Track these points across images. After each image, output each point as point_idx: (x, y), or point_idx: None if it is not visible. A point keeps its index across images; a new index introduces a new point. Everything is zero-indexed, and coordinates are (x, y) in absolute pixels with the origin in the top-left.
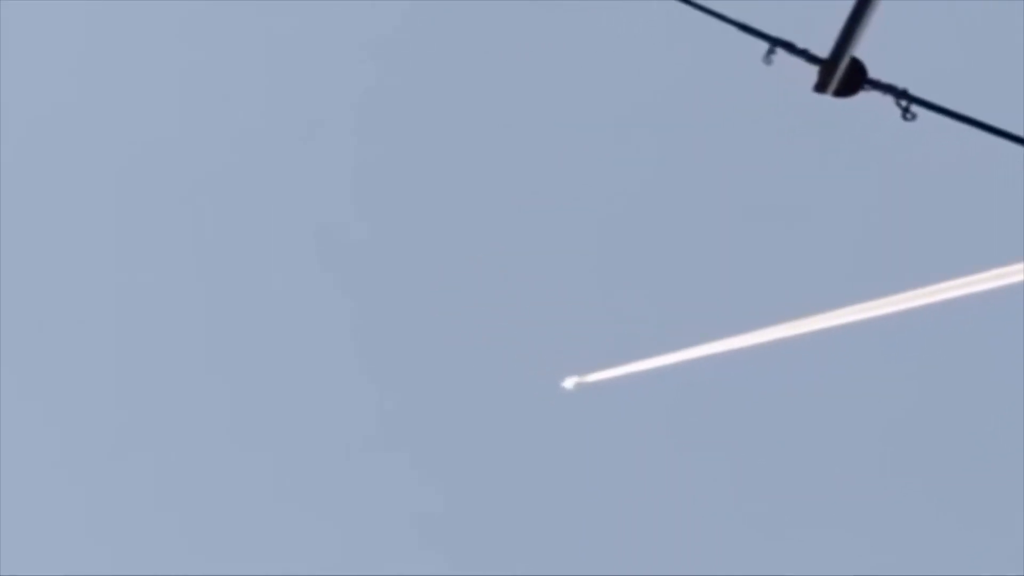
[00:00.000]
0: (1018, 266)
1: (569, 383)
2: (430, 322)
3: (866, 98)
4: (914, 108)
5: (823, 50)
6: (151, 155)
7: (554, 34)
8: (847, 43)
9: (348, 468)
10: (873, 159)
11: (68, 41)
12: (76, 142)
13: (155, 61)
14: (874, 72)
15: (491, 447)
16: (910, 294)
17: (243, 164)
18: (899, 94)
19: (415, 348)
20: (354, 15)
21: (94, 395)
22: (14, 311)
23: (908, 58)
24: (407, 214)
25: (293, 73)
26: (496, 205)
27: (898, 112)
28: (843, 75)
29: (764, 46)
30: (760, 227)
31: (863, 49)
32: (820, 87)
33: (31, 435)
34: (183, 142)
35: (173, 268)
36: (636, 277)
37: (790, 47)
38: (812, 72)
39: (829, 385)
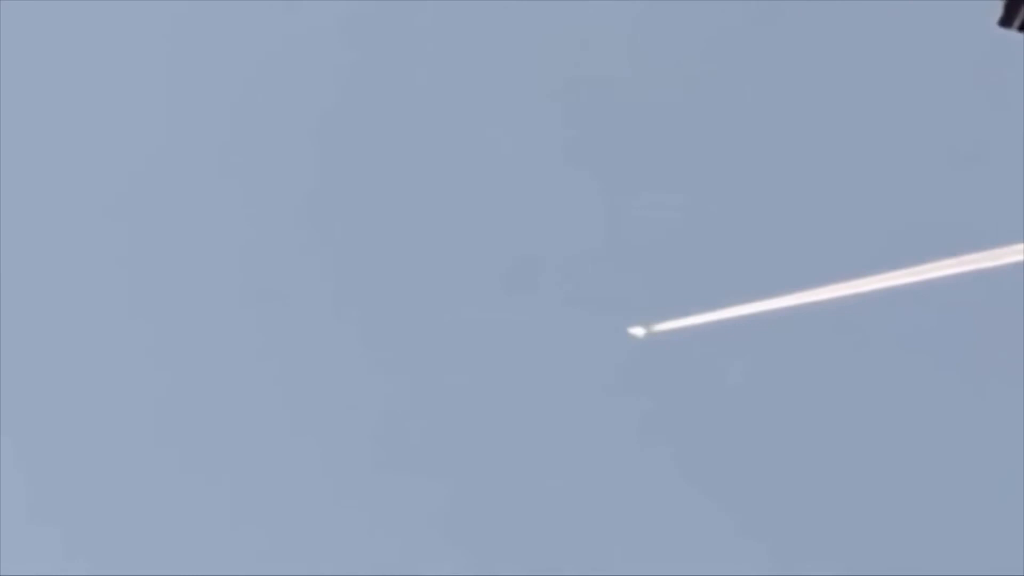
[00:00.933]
0: None
1: (637, 331)
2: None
3: None
4: None
5: None
6: (145, 155)
7: None
8: None
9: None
10: None
11: (66, 41)
12: (73, 139)
13: (148, 60)
14: None
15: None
16: None
17: (242, 163)
18: None
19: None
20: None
21: (88, 392)
22: (14, 310)
23: None
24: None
25: (290, 71)
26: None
27: None
28: None
29: None
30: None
31: None
32: (1005, 21)
33: (31, 433)
34: (175, 142)
35: (168, 265)
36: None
37: None
38: (997, 7)
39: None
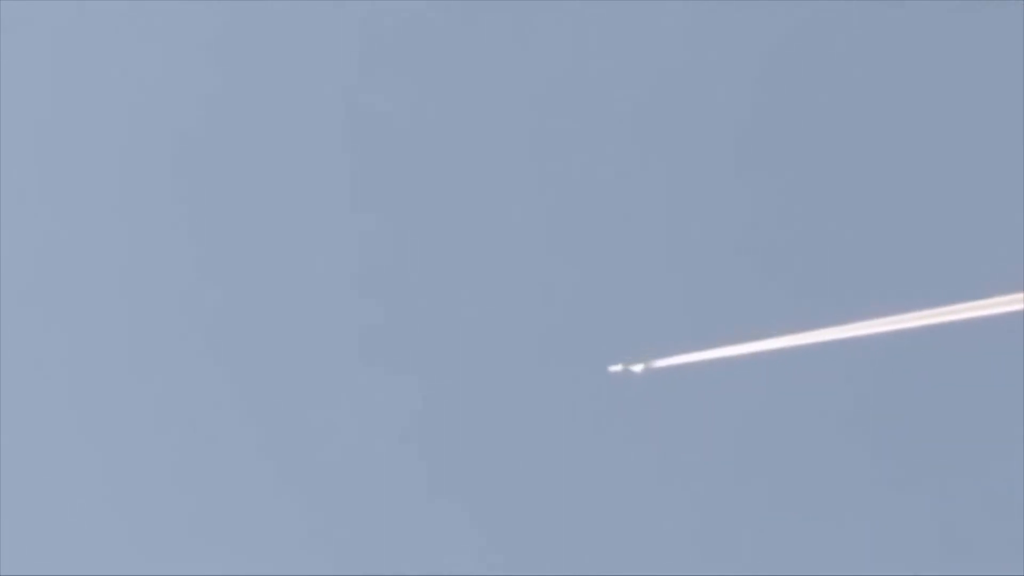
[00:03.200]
0: None
1: (624, 367)
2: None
3: None
4: None
5: None
6: (141, 155)
7: None
8: None
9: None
10: None
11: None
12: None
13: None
14: None
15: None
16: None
17: (246, 163)
18: None
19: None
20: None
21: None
22: (13, 310)
23: None
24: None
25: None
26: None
27: None
28: None
29: None
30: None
31: None
32: None
33: (29, 431)
34: (172, 144)
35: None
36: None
37: None
38: None
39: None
